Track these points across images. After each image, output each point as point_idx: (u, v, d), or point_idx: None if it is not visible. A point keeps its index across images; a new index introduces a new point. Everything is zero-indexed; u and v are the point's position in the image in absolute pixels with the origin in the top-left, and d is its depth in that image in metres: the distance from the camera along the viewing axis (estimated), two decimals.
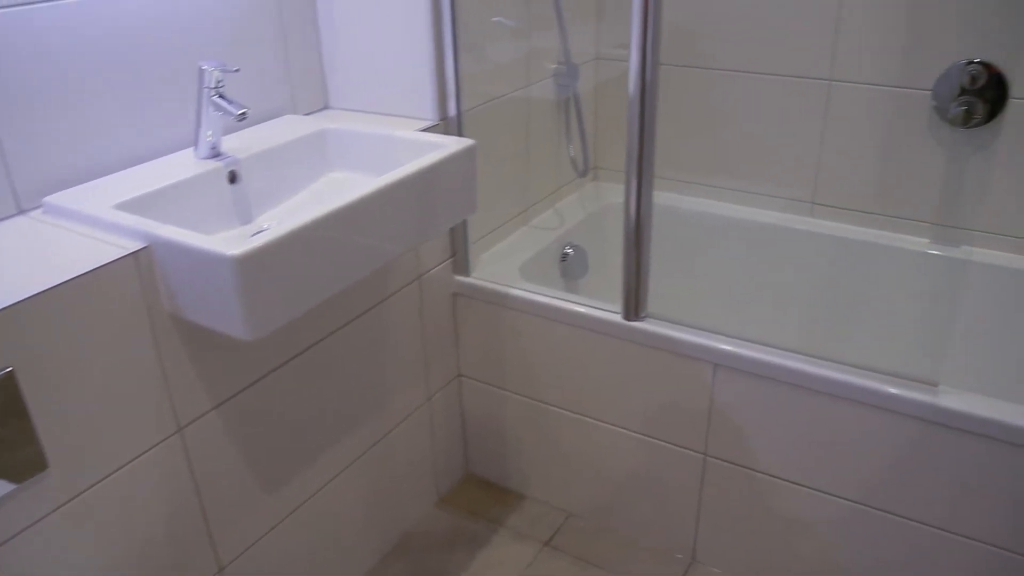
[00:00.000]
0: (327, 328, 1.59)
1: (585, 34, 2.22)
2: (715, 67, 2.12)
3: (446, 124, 1.78)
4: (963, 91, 1.85)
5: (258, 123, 1.71)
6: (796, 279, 2.14)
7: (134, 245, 1.19)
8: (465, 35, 1.75)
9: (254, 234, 1.43)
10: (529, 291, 1.82)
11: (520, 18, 1.97)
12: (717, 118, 2.17)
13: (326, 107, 1.89)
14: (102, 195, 1.32)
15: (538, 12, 2.00)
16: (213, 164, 1.45)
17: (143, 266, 1.19)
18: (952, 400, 1.43)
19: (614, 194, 2.32)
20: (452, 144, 1.51)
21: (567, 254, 2.11)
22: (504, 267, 1.94)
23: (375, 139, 1.63)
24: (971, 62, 1.83)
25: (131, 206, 1.29)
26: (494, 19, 1.90)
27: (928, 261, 1.99)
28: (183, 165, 1.45)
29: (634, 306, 1.67)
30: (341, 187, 1.63)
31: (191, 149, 1.53)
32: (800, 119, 2.06)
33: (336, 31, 1.78)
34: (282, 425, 1.53)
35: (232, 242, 1.11)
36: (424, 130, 1.71)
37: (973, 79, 1.83)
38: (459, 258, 1.89)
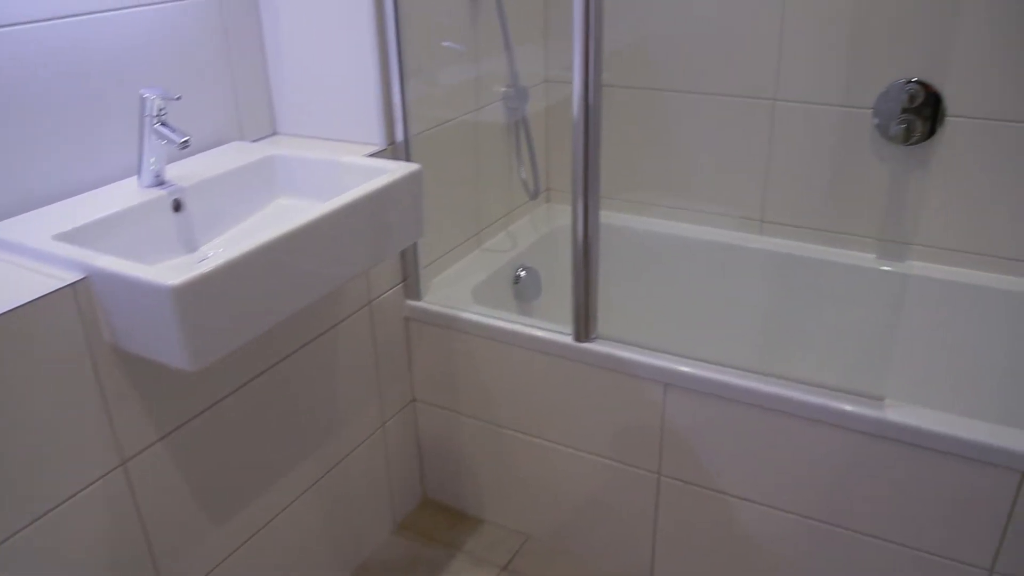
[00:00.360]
0: (276, 355, 1.58)
1: (534, 56, 2.24)
2: (664, 88, 2.15)
3: (394, 149, 1.78)
4: (903, 109, 1.88)
5: (204, 150, 1.70)
6: (746, 296, 2.17)
7: (72, 276, 1.17)
8: (412, 60, 1.76)
9: (199, 263, 1.42)
10: (481, 314, 1.82)
11: (468, 42, 1.98)
12: (666, 138, 2.19)
13: (275, 133, 1.88)
14: (41, 225, 1.30)
15: (486, 36, 2.01)
16: (156, 192, 1.44)
17: (82, 297, 1.17)
18: (898, 413, 1.45)
19: (566, 216, 2.32)
20: (397, 169, 1.51)
21: (520, 276, 2.12)
22: (456, 291, 1.94)
23: (322, 165, 1.62)
24: (909, 81, 1.87)
25: (71, 236, 1.27)
26: (443, 43, 1.91)
27: (874, 276, 2.02)
28: (126, 194, 1.43)
29: (584, 327, 1.68)
30: (289, 213, 1.62)
31: (135, 177, 1.51)
32: (747, 138, 2.09)
33: (283, 57, 1.78)
34: (232, 455, 1.51)
35: (171, 272, 1.10)
36: (372, 155, 1.72)
37: (912, 98, 1.87)
38: (410, 282, 1.89)
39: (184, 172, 1.54)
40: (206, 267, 1.13)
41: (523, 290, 2.13)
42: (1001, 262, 1.94)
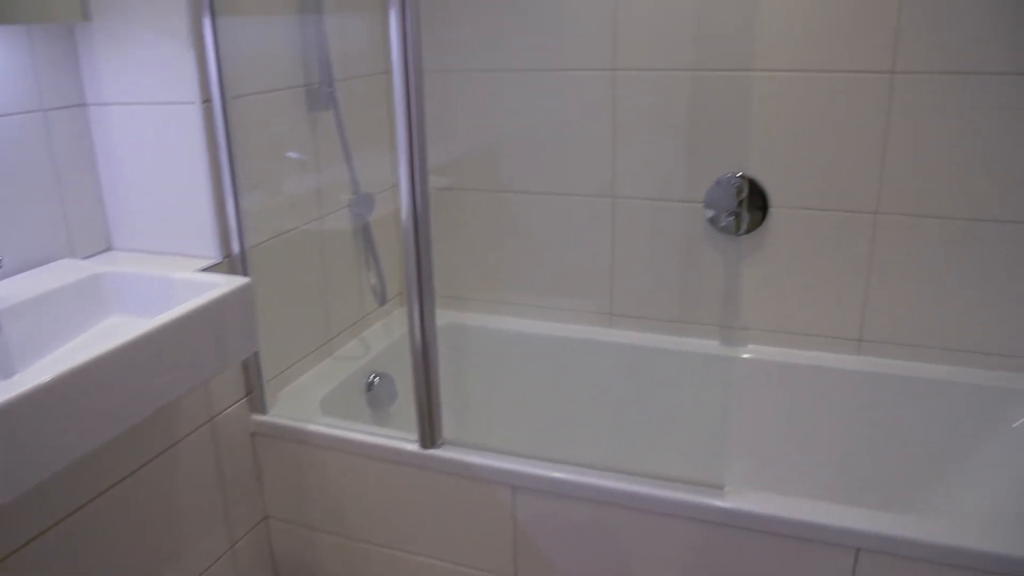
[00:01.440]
0: (106, 481, 1.50)
1: (382, 162, 2.26)
2: (511, 189, 2.19)
3: (231, 261, 1.75)
4: (732, 202, 1.97)
5: (29, 269, 1.63)
6: (599, 390, 2.19)
7: None
8: (252, 171, 1.75)
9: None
10: (327, 426, 1.78)
11: (312, 152, 1.98)
12: (516, 237, 2.23)
13: (109, 248, 1.83)
14: None
15: (329, 145, 2.02)
16: None
17: None
18: (736, 500, 1.47)
19: None
20: (226, 283, 1.49)
21: (372, 383, 2.09)
22: (304, 402, 1.90)
23: (153, 281, 1.58)
24: (735, 175, 1.96)
25: None
26: (288, 154, 1.91)
27: (717, 362, 2.07)
28: None
29: (429, 434, 1.66)
30: (119, 332, 1.56)
31: None
32: (592, 235, 2.14)
33: (116, 172, 1.75)
34: None
35: None
36: (207, 269, 1.68)
37: (739, 191, 1.96)
38: (255, 396, 1.84)
39: (3, 293, 1.47)
40: (7, 394, 1.07)
41: (377, 397, 2.10)
42: (833, 341, 2.02)
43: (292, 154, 1.93)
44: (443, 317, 2.30)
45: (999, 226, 1.83)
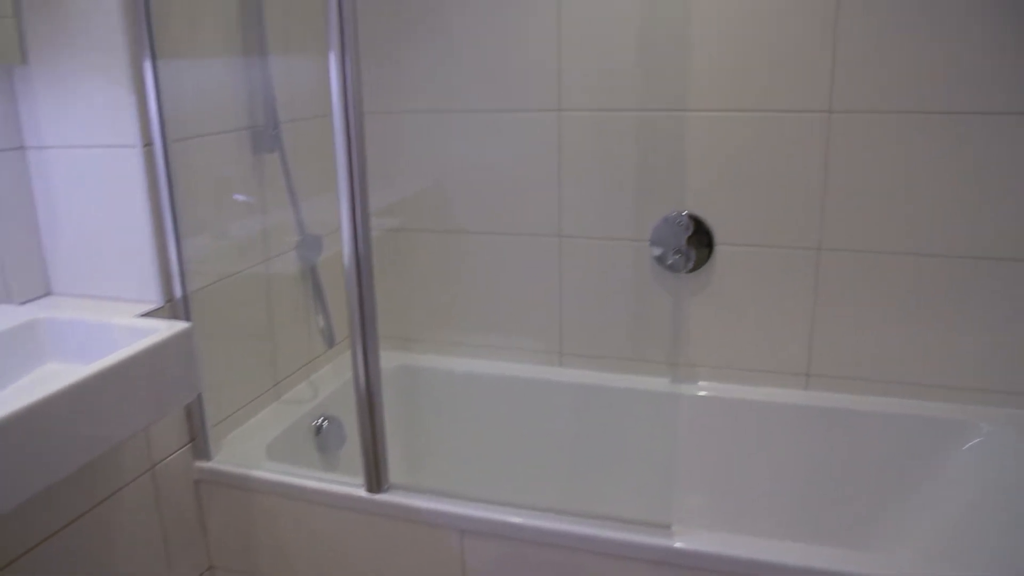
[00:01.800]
0: (37, 536, 1.46)
1: (329, 204, 2.24)
2: (460, 229, 2.19)
3: (173, 306, 1.72)
4: (678, 240, 1.99)
5: None
6: (550, 430, 2.18)
7: None
8: (193, 215, 1.73)
9: None
10: (272, 472, 1.75)
11: (257, 194, 1.97)
12: (466, 278, 2.23)
13: (48, 294, 1.80)
14: None
15: (276, 187, 2.01)
16: None
17: None
18: (682, 540, 1.47)
19: None
20: (165, 328, 1.46)
21: (321, 426, 2.06)
22: (250, 447, 1.87)
23: (90, 327, 1.55)
24: (680, 214, 1.98)
25: None
26: (235, 197, 1.90)
27: (667, 400, 2.07)
28: None
29: (375, 478, 1.63)
30: (56, 379, 1.52)
31: None
32: (540, 274, 2.14)
33: (55, 216, 1.72)
34: None
35: None
36: (148, 314, 1.66)
37: (684, 229, 1.97)
38: (199, 442, 1.80)
39: None
40: None
41: (325, 441, 2.07)
42: (782, 377, 2.04)
43: (239, 197, 1.92)
44: (393, 359, 2.30)
45: (938, 260, 1.87)
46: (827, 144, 1.87)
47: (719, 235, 1.98)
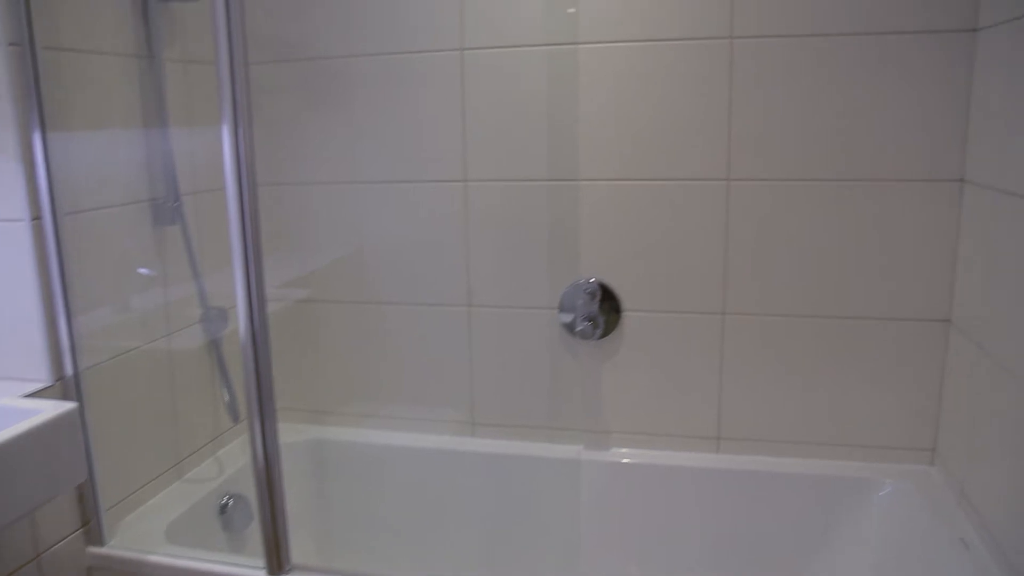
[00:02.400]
0: None
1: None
2: (371, 300, 2.17)
3: (63, 384, 1.66)
4: (587, 307, 1.99)
5: None
6: (462, 502, 2.14)
7: None
8: (88, 289, 1.68)
9: None
10: (169, 556, 1.68)
11: (158, 267, 1.93)
12: (378, 349, 2.20)
13: None
14: None
15: (178, 260, 1.97)
16: None
17: None
18: None
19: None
20: (50, 409, 1.40)
21: (226, 505, 1.99)
22: (148, 530, 1.79)
23: None
24: (588, 281, 1.99)
25: None
26: (139, 270, 1.85)
27: (581, 467, 2.06)
28: None
29: (276, 560, 1.58)
30: None
31: None
32: (450, 344, 2.13)
33: None
34: None
35: None
36: (35, 393, 1.59)
37: (592, 296, 1.98)
38: (92, 526, 1.73)
39: None
40: None
41: (231, 519, 2.00)
42: (693, 441, 2.04)
43: (142, 270, 1.87)
44: (304, 432, 2.25)
45: (838, 322, 1.90)
46: (727, 211, 1.90)
47: (626, 301, 1.99)
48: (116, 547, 1.73)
